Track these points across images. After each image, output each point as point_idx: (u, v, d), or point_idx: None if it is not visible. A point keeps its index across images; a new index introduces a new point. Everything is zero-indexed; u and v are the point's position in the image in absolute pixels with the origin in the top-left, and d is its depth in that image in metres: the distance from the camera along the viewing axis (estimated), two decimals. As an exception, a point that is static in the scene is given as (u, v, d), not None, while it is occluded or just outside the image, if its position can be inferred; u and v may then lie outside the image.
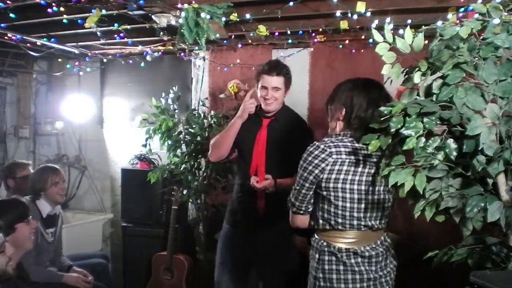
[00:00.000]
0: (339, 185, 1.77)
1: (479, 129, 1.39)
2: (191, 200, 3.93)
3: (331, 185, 1.78)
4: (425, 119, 1.43)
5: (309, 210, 1.88)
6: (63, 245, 3.41)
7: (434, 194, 1.48)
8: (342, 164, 1.77)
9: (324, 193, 1.81)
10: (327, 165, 1.77)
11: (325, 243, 1.84)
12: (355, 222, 1.80)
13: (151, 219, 4.20)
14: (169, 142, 3.79)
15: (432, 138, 1.44)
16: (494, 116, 1.42)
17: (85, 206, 4.96)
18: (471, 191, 1.45)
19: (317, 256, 1.86)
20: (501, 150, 1.40)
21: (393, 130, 1.44)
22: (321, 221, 1.85)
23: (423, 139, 1.44)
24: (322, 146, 1.79)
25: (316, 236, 1.91)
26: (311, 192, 1.83)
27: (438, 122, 1.44)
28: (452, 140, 1.44)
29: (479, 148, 1.40)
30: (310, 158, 1.79)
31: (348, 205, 1.78)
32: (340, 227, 1.80)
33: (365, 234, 1.81)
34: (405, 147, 1.44)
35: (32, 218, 2.52)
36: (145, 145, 3.83)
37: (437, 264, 1.61)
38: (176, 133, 3.80)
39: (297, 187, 1.85)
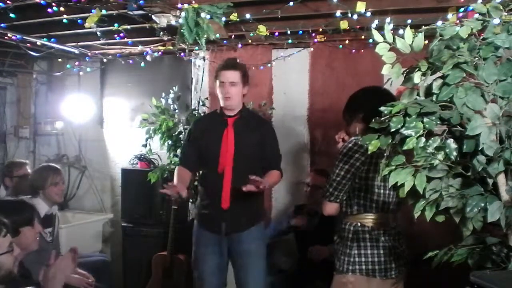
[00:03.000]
0: (376, 175, 2.04)
1: (479, 129, 1.39)
2: (191, 200, 3.93)
3: (370, 175, 2.06)
4: (425, 119, 1.42)
5: (344, 198, 2.14)
6: (63, 245, 3.40)
7: (434, 194, 1.48)
8: (377, 157, 1.95)
9: (363, 182, 2.08)
10: (366, 158, 2.03)
11: (359, 224, 2.12)
12: (385, 206, 2.11)
13: (151, 219, 4.20)
14: (169, 142, 3.79)
15: (432, 138, 1.44)
16: (494, 116, 1.41)
17: (85, 206, 4.96)
18: (471, 191, 1.44)
19: (350, 236, 2.12)
20: (501, 150, 1.40)
21: (393, 130, 1.44)
22: (356, 207, 2.13)
23: (423, 139, 1.44)
24: (359, 142, 2.02)
25: (347, 220, 2.15)
26: (349, 182, 2.08)
27: (438, 122, 1.44)
28: (452, 140, 1.44)
29: (479, 148, 1.40)
30: (350, 153, 2.05)
31: (382, 191, 2.08)
32: (373, 211, 2.10)
33: (389, 215, 2.14)
34: (405, 147, 1.44)
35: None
36: (145, 145, 3.84)
37: (437, 264, 1.61)
38: (176, 133, 3.80)
39: (338, 179, 2.08)
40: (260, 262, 2.86)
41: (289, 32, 3.59)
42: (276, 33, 3.67)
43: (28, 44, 3.92)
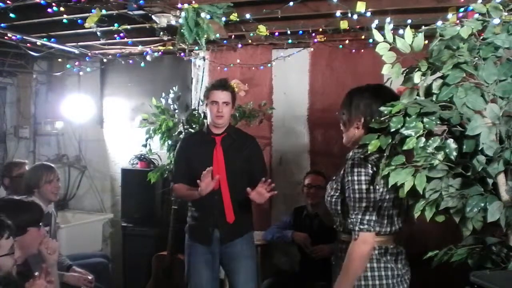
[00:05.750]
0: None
1: (479, 129, 1.39)
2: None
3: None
4: (425, 119, 1.43)
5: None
6: (63, 245, 3.40)
7: (434, 194, 1.48)
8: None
9: None
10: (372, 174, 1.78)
11: None
12: (391, 228, 1.84)
13: (151, 219, 4.20)
14: (169, 142, 3.78)
15: (432, 138, 1.44)
16: (494, 116, 1.42)
17: (85, 206, 4.96)
18: (471, 191, 1.45)
19: None
20: (501, 150, 1.40)
21: (393, 130, 1.45)
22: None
23: (423, 139, 1.44)
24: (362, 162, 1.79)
25: (344, 239, 1.89)
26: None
27: (438, 122, 1.44)
28: (452, 140, 1.44)
29: (479, 148, 1.40)
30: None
31: (386, 213, 1.82)
32: (381, 233, 1.83)
33: (394, 235, 1.87)
34: (405, 147, 1.44)
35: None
36: (145, 145, 3.83)
37: (437, 264, 1.61)
38: (176, 133, 3.80)
39: (364, 204, 1.76)
40: (253, 264, 2.93)
41: (289, 32, 3.59)
42: (276, 33, 3.67)
43: (28, 44, 3.92)
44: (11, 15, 3.10)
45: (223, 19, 3.13)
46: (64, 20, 3.27)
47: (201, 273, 2.86)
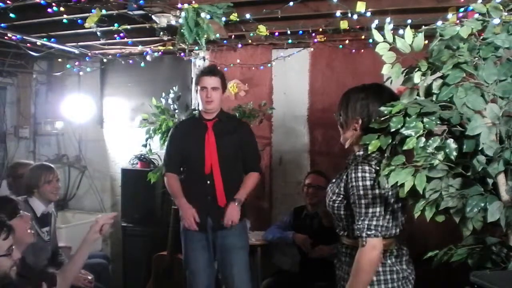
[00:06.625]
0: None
1: (479, 129, 1.39)
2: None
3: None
4: (425, 119, 1.42)
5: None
6: (63, 245, 3.40)
7: (434, 194, 1.48)
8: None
9: None
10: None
11: None
12: (395, 230, 1.81)
13: (151, 219, 4.20)
14: (169, 142, 3.78)
15: (432, 138, 1.44)
16: (494, 116, 1.41)
17: (85, 206, 4.96)
18: (471, 191, 1.44)
19: (351, 261, 1.80)
20: (501, 150, 1.40)
21: (393, 130, 1.45)
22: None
23: (423, 139, 1.44)
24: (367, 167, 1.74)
25: (348, 243, 1.85)
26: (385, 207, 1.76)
27: (438, 122, 1.44)
28: (452, 140, 1.44)
29: (479, 148, 1.40)
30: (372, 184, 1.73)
31: (392, 216, 1.78)
32: (386, 236, 1.77)
33: (397, 236, 1.83)
34: (405, 147, 1.44)
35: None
36: (145, 145, 3.83)
37: (437, 264, 1.61)
38: (176, 133, 3.79)
39: (371, 209, 1.71)
40: (245, 256, 2.97)
41: (289, 32, 3.60)
42: (276, 33, 3.67)
43: (28, 44, 3.93)
44: (11, 15, 3.10)
45: (223, 19, 3.13)
46: (64, 20, 3.27)
47: (198, 258, 2.93)
